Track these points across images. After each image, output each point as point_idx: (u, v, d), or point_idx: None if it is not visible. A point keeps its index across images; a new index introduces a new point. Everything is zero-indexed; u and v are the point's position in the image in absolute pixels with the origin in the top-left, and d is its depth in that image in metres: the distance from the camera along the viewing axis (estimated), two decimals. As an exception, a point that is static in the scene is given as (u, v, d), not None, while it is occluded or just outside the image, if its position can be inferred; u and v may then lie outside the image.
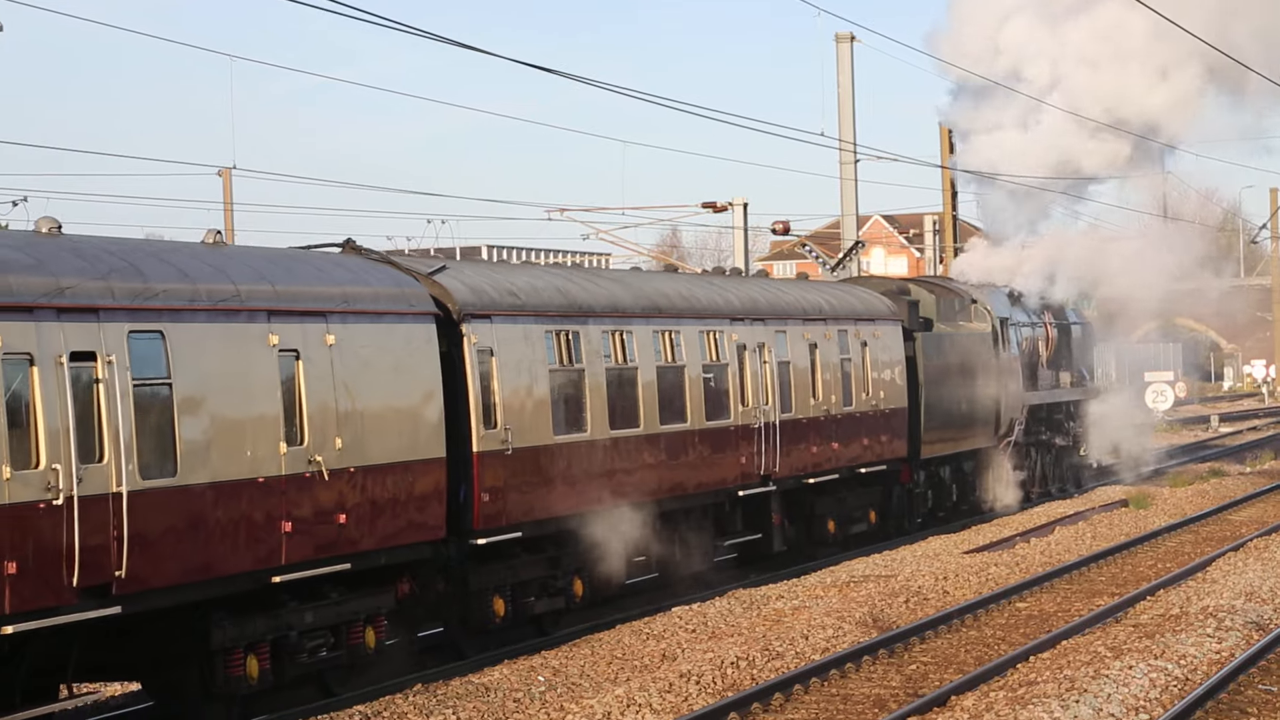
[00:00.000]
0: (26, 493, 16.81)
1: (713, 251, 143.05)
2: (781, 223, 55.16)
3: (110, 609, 17.74)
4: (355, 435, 21.04)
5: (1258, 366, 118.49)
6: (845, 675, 21.98)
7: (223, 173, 59.39)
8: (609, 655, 23.25)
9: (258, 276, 20.29)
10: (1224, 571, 29.41)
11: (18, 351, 16.86)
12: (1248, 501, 43.14)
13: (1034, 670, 21.38)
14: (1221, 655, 22.10)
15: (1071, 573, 30.71)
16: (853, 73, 53.57)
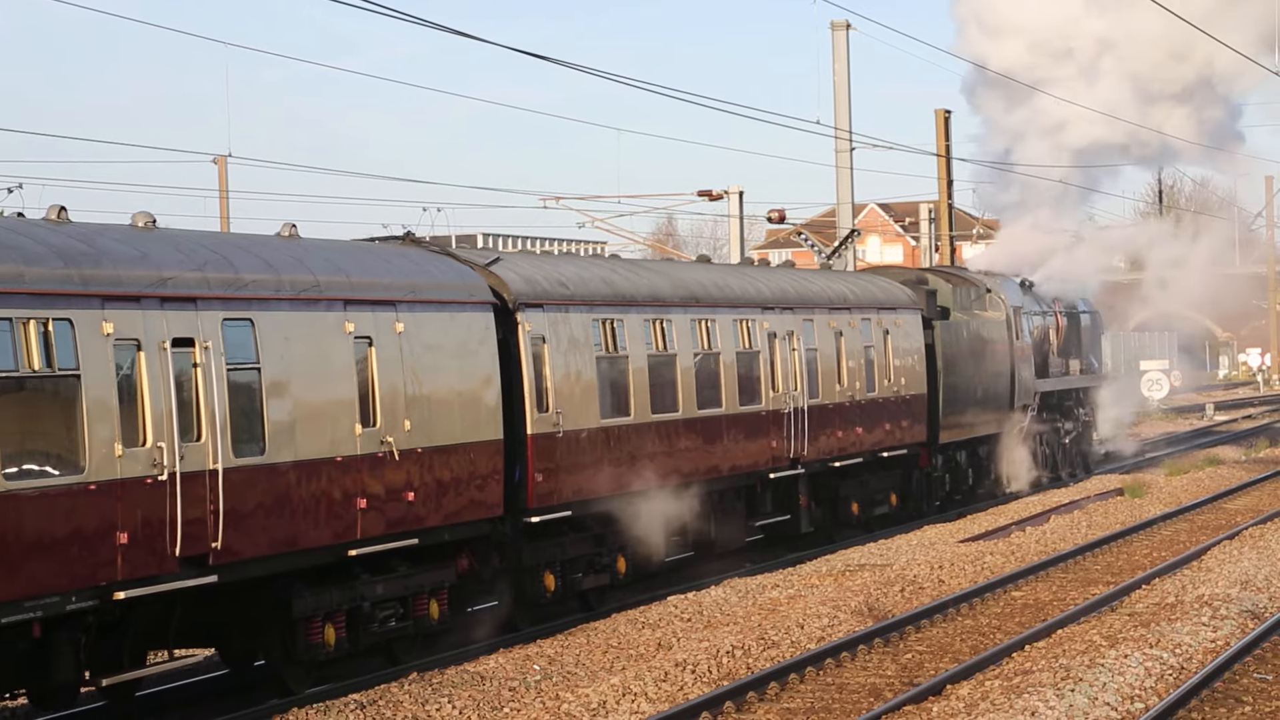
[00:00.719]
0: (136, 469, 18.28)
1: (708, 240, 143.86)
2: (777, 211, 55.16)
3: (208, 578, 19.23)
4: (422, 418, 22.52)
5: (1253, 355, 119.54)
6: (840, 664, 22.13)
7: (218, 160, 60.03)
8: (604, 644, 23.52)
9: (334, 268, 21.77)
10: (1219, 560, 29.52)
11: (127, 337, 18.32)
12: (1243, 490, 43.36)
13: (1029, 659, 21.51)
14: (1217, 644, 22.23)
15: (1067, 561, 30.91)
16: (848, 61, 53.47)
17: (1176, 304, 56.79)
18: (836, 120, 51.95)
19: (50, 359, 17.42)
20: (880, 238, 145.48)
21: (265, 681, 22.03)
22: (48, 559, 17.26)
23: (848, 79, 53.03)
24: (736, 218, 53.45)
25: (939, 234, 61.95)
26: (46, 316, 17.43)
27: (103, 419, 17.88)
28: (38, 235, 18.21)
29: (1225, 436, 64.46)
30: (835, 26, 53.33)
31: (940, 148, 60.13)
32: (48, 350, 17.41)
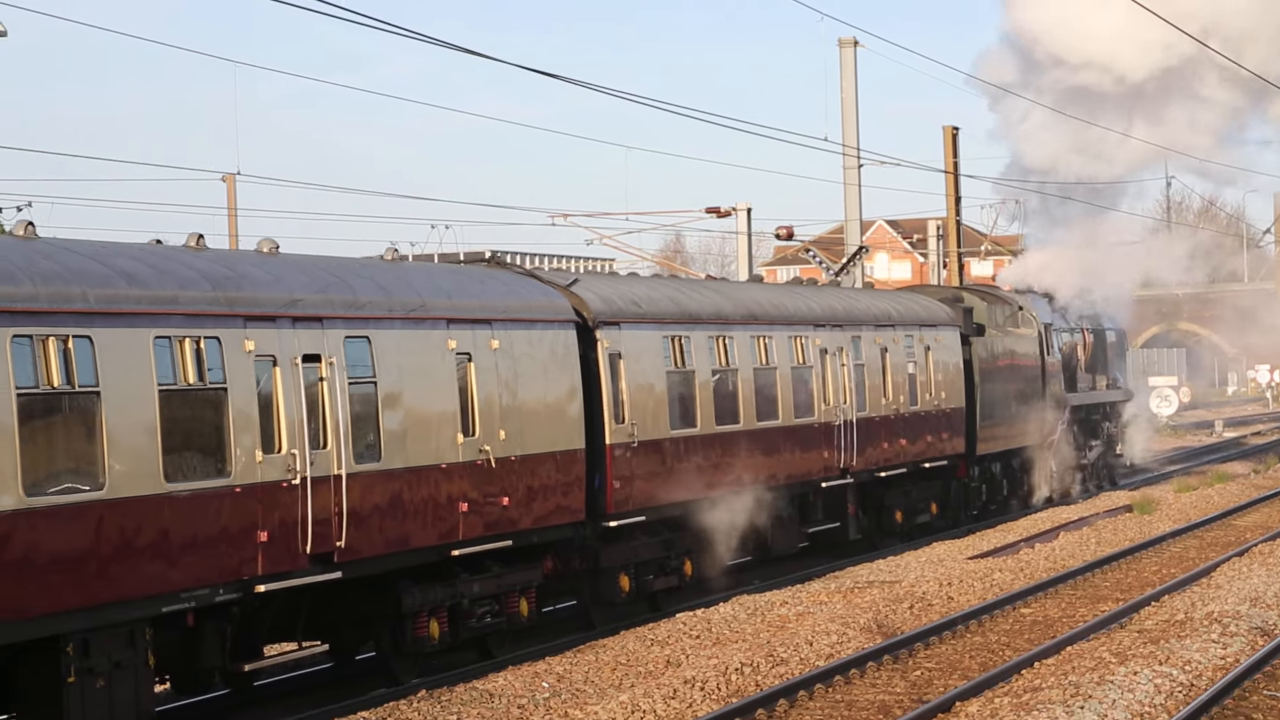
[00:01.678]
0: (273, 473, 20.32)
1: (716, 256, 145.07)
2: (785, 228, 55.78)
3: (333, 574, 21.26)
4: (515, 428, 24.56)
5: (1262, 371, 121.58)
6: (850, 681, 22.31)
7: (226, 178, 61.41)
8: (613, 661, 23.79)
9: (437, 289, 23.83)
10: (1229, 577, 29.67)
11: (265, 354, 20.37)
12: (1252, 506, 43.59)
13: (1039, 676, 21.61)
14: (1226, 661, 22.29)
15: (1076, 578, 31.15)
16: (856, 77, 54.09)
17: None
18: (844, 137, 52.67)
19: (202, 373, 19.46)
20: (888, 254, 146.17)
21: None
22: (201, 555, 19.29)
23: (856, 96, 53.70)
24: (745, 234, 54.17)
25: (947, 250, 62.54)
26: (198, 335, 19.47)
27: (246, 428, 19.93)
28: (186, 261, 20.27)
29: (1235, 453, 65.35)
30: (843, 44, 54.10)
31: (948, 164, 60.65)
32: (200, 365, 19.45)
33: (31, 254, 18.32)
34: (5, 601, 16.99)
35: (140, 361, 18.63)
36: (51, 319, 17.72)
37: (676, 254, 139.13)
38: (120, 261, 19.28)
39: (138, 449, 18.48)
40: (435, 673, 23.76)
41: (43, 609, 17.45)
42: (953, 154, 60.29)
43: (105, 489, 18.07)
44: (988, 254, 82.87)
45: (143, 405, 18.58)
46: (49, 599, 17.49)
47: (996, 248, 77.92)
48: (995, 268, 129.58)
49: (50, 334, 17.66)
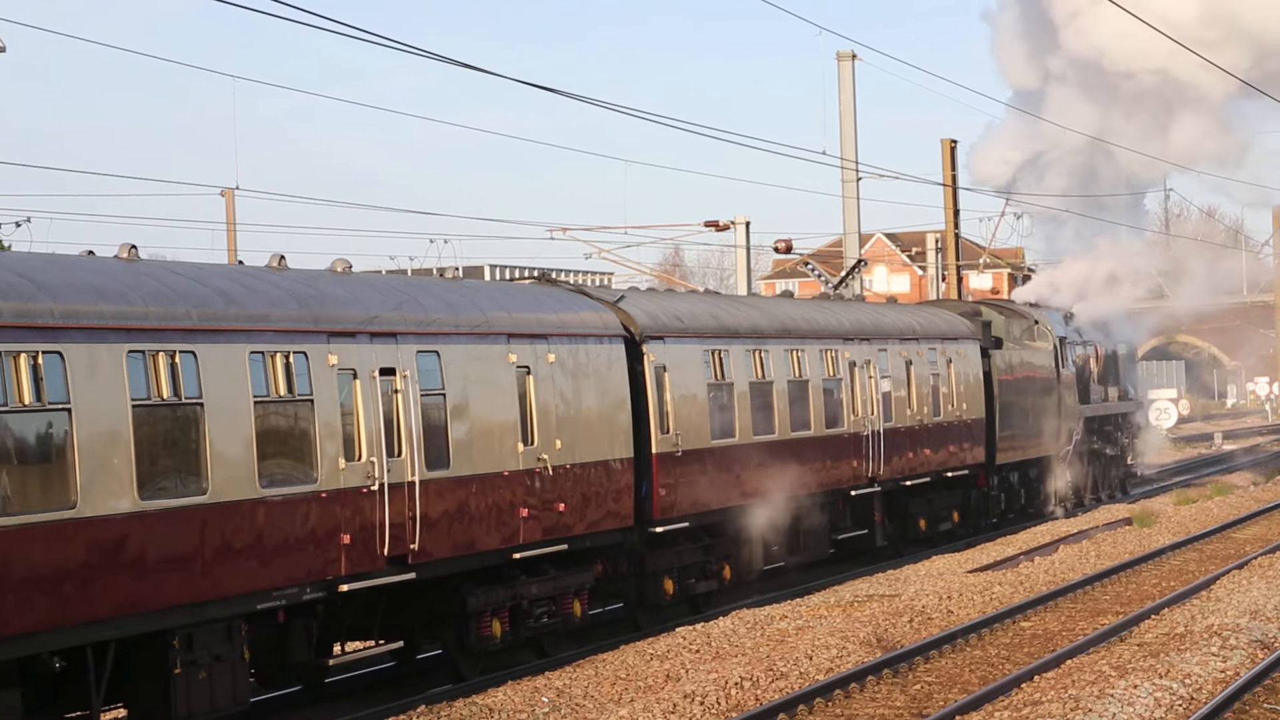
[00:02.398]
0: (354, 480, 21.83)
1: (715, 270, 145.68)
2: (784, 241, 55.94)
3: (408, 575, 22.76)
4: (570, 437, 26.07)
5: (1261, 384, 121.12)
6: (849, 695, 22.47)
7: (225, 193, 62.00)
8: (613, 676, 23.99)
9: (498, 306, 25.35)
10: (1228, 590, 29.86)
11: (346, 367, 21.88)
12: (1252, 519, 43.84)
13: (1038, 690, 21.75)
14: (1226, 674, 22.40)
15: (1075, 591, 31.33)
16: (854, 91, 54.38)
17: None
18: (843, 150, 53.32)
19: (291, 386, 20.97)
20: (887, 267, 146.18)
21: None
22: (290, 556, 20.79)
23: (854, 109, 54.20)
24: (743, 248, 54.37)
25: (946, 263, 63.21)
26: (288, 350, 20.97)
27: (330, 437, 21.44)
28: (274, 280, 21.79)
29: (1234, 465, 65.98)
30: (841, 57, 54.51)
31: (946, 177, 61.21)
32: (289, 379, 20.96)
33: (139, 275, 19.83)
34: (122, 598, 18.47)
35: (238, 375, 20.14)
36: (160, 336, 19.22)
37: (675, 268, 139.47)
38: (216, 281, 20.79)
39: (236, 456, 19.98)
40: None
41: (154, 605, 18.93)
42: (951, 167, 61.01)
43: (208, 494, 19.57)
44: (986, 267, 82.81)
45: (240, 416, 20.09)
46: (159, 596, 18.98)
47: (995, 260, 78.73)
48: (994, 280, 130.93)
49: (160, 349, 19.16)
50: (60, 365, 17.91)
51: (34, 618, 17.45)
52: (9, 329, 17.46)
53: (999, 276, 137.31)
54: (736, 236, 54.00)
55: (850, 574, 34.69)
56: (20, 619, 17.28)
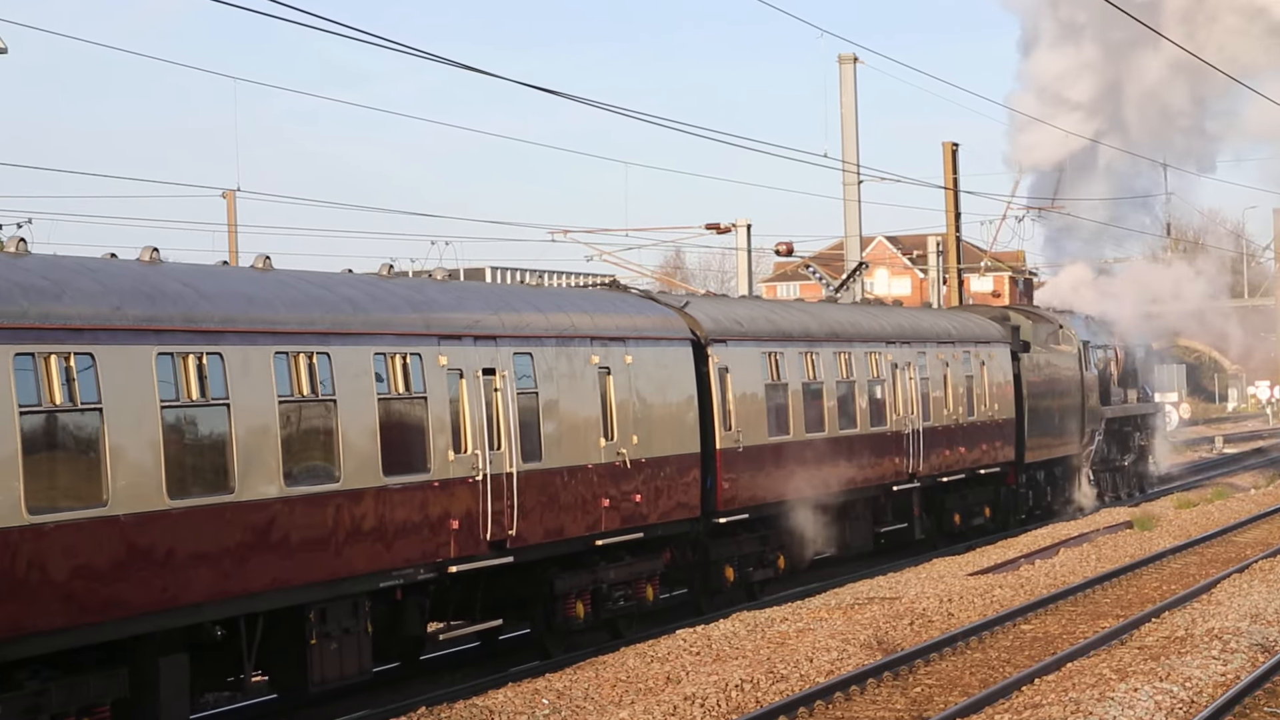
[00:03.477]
0: (461, 470, 24.11)
1: (716, 273, 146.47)
2: (785, 244, 56.40)
3: (506, 559, 25.05)
4: (645, 433, 28.35)
5: (1262, 388, 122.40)
6: (850, 698, 22.68)
7: (226, 195, 62.68)
8: (613, 678, 24.22)
9: (582, 311, 27.65)
10: (1229, 593, 30.07)
11: (454, 367, 24.17)
12: (1253, 523, 44.22)
13: (1039, 693, 21.91)
14: (1227, 677, 22.54)
15: (1076, 595, 31.61)
16: (855, 94, 54.76)
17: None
18: (844, 153, 53.71)
19: (408, 384, 23.25)
20: (888, 270, 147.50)
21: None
22: (408, 539, 23.07)
23: (855, 112, 54.59)
24: (744, 251, 54.92)
25: (947, 267, 63.82)
26: (404, 352, 23.26)
27: (441, 431, 23.73)
28: (390, 288, 24.08)
29: (1235, 469, 66.93)
30: (843, 60, 54.96)
31: (948, 180, 61.64)
32: (406, 378, 23.24)
33: (279, 284, 22.12)
34: (270, 574, 20.73)
35: (364, 374, 22.42)
36: (299, 339, 21.49)
37: (676, 270, 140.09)
38: (342, 289, 23.09)
39: (363, 448, 22.26)
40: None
41: (296, 581, 21.20)
42: (952, 170, 61.76)
43: (341, 481, 21.85)
44: (987, 270, 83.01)
45: (366, 411, 22.37)
46: (300, 573, 21.24)
47: (996, 263, 79.62)
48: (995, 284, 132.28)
49: (299, 351, 21.44)
50: (220, 365, 20.18)
51: (200, 590, 19.70)
52: (178, 332, 19.71)
53: (1000, 280, 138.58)
54: (738, 239, 54.32)
55: (850, 576, 35.46)
56: (189, 590, 19.54)
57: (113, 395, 18.63)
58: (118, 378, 18.74)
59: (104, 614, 18.46)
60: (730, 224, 53.84)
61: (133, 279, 19.91)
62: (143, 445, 18.95)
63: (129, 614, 18.79)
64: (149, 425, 19.06)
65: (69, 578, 18.02)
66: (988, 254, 72.81)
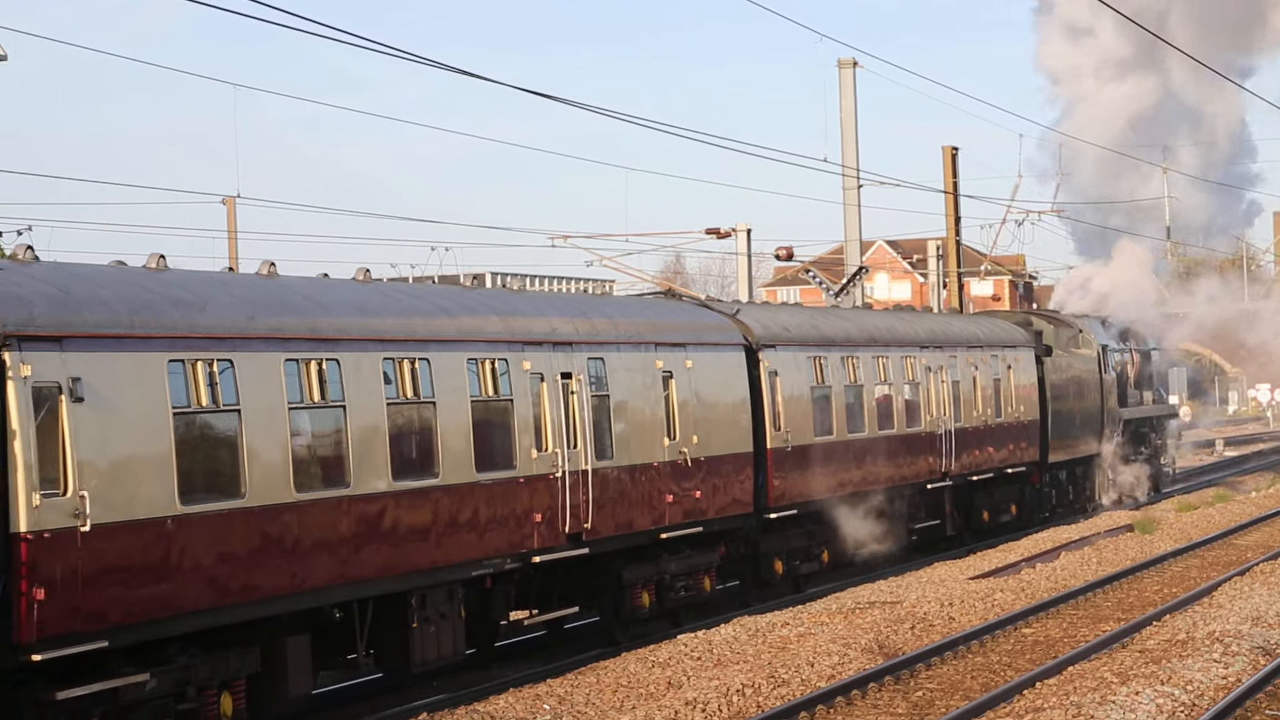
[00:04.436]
0: (543, 468, 26.11)
1: (716, 278, 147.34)
2: (785, 248, 57.43)
3: (583, 550, 27.05)
4: (704, 434, 30.36)
5: (1263, 390, 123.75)
6: (851, 702, 22.83)
7: (227, 201, 63.61)
8: (614, 683, 24.36)
9: (646, 319, 29.67)
10: (1230, 596, 30.23)
11: (536, 371, 26.17)
12: (1254, 525, 44.54)
13: (1041, 696, 22.10)
14: (1228, 681, 22.70)
15: (1077, 598, 31.81)
16: (855, 98, 55.12)
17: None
18: (844, 158, 54.20)
19: (496, 388, 25.27)
20: (888, 275, 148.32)
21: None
22: (497, 531, 25.07)
23: (855, 116, 55.08)
24: (744, 255, 55.48)
25: (947, 270, 64.19)
26: (493, 357, 25.27)
27: (525, 431, 25.73)
28: (477, 299, 26.11)
29: (1236, 472, 67.53)
30: (842, 64, 55.22)
31: (948, 184, 61.90)
32: (495, 382, 25.25)
33: (382, 295, 24.14)
34: (381, 561, 22.72)
35: (459, 378, 24.42)
36: (403, 346, 23.49)
37: (676, 275, 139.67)
38: (438, 300, 25.10)
39: (459, 447, 24.27)
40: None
41: (402, 569, 23.19)
42: (952, 174, 61.84)
43: (440, 477, 23.86)
44: (987, 274, 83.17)
45: (461, 412, 24.38)
46: (405, 561, 23.23)
47: (996, 267, 79.95)
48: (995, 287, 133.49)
49: (403, 357, 23.44)
50: (337, 370, 22.18)
51: (322, 575, 21.70)
52: (302, 340, 21.71)
53: (1000, 284, 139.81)
54: (738, 244, 54.59)
55: (852, 581, 35.96)
56: (313, 576, 21.54)
57: (249, 398, 20.64)
58: (253, 382, 20.74)
59: (242, 596, 20.46)
60: (730, 229, 54.01)
61: (261, 292, 21.93)
62: (273, 443, 20.95)
63: (262, 597, 20.78)
64: (279, 425, 21.07)
65: (213, 563, 20.02)
66: (988, 258, 73.44)
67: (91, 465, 18.46)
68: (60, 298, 18.80)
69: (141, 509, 19.04)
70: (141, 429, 19.13)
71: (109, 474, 18.66)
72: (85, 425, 18.43)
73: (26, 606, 17.68)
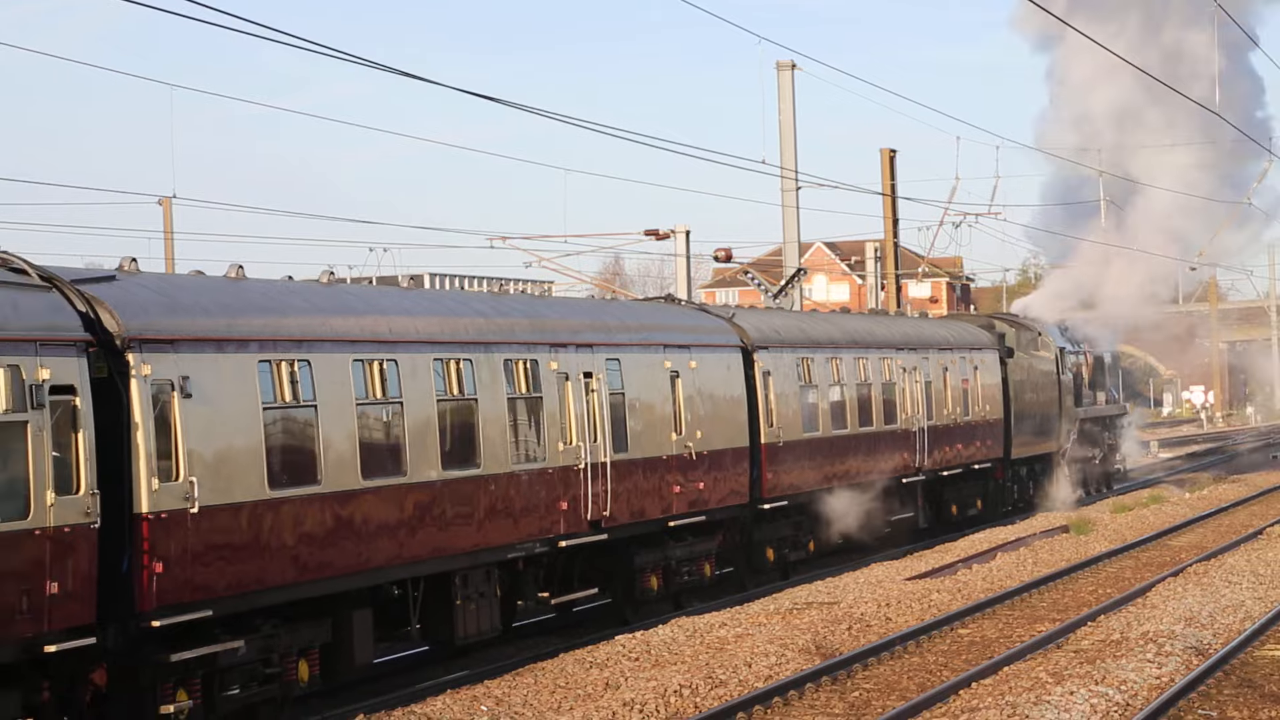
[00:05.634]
0: (569, 460, 28.51)
1: (655, 279, 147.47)
2: (724, 250, 57.67)
3: (602, 536, 29.44)
4: (707, 429, 32.79)
5: (1196, 393, 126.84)
6: (788, 703, 22.95)
7: (163, 201, 62.85)
8: (552, 684, 24.61)
9: (655, 322, 32.09)
10: (1164, 597, 30.65)
11: (561, 371, 28.55)
12: (1187, 527, 45.39)
13: (976, 696, 22.26)
14: (1162, 680, 23.00)
15: (1013, 599, 32.14)
16: (794, 100, 55.34)
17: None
18: (782, 160, 54.18)
19: (529, 386, 27.64)
20: (827, 276, 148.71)
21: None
22: (530, 517, 27.44)
23: (794, 119, 55.21)
24: (684, 257, 55.14)
25: (885, 272, 64.79)
26: (525, 358, 27.64)
27: (552, 425, 28.11)
28: (511, 304, 28.52)
29: (1169, 474, 68.04)
30: (781, 67, 55.28)
31: (885, 187, 62.31)
32: (527, 380, 27.62)
33: (429, 301, 26.52)
34: (432, 543, 25.06)
35: (498, 377, 26.79)
36: (450, 348, 25.85)
37: (615, 276, 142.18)
38: (476, 305, 27.49)
39: (497, 440, 26.64)
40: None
41: (449, 551, 25.54)
42: (890, 176, 62.44)
43: (481, 467, 26.23)
44: (925, 275, 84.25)
45: (499, 408, 26.75)
46: (453, 544, 25.59)
47: (934, 269, 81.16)
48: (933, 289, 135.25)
49: (450, 358, 25.80)
50: (395, 370, 24.52)
51: (383, 555, 24.04)
52: (366, 342, 24.04)
53: (938, 285, 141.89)
54: (676, 245, 54.51)
55: (789, 582, 36.37)
56: (376, 556, 23.87)
57: (324, 394, 22.98)
58: (326, 380, 23.08)
59: (318, 573, 22.79)
60: (669, 230, 54.22)
61: (329, 298, 24.27)
62: (344, 435, 23.30)
63: (335, 574, 23.12)
64: (348, 418, 23.41)
65: (295, 543, 22.35)
66: (925, 260, 74.94)
67: (198, 454, 20.78)
68: (170, 305, 21.12)
69: (238, 493, 21.36)
70: (238, 422, 21.46)
71: (212, 462, 20.98)
72: (193, 418, 20.75)
73: (148, 579, 19.99)
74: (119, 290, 20.63)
